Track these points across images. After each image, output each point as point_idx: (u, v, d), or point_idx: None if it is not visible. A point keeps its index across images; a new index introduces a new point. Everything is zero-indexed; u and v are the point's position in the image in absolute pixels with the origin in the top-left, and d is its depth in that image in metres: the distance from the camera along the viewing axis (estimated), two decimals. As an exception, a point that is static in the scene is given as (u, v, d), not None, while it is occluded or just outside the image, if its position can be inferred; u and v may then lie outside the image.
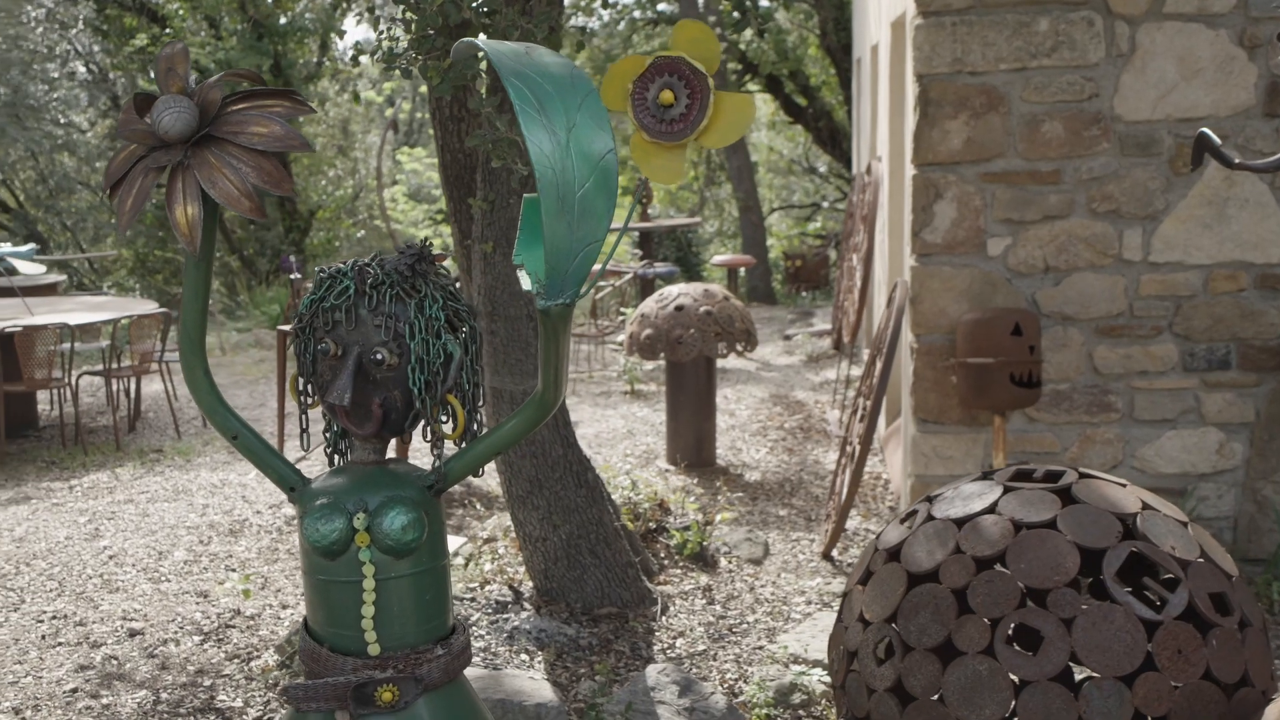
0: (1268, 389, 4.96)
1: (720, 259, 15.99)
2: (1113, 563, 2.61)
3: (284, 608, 4.88)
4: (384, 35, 3.32)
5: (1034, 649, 2.63)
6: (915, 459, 5.20)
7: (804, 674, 3.92)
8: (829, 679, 3.42)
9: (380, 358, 2.11)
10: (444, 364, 2.15)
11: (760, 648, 4.36)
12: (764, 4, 20.48)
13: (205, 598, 5.06)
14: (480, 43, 1.85)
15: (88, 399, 10.13)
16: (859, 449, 5.35)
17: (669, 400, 7.19)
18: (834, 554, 5.47)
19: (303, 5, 16.99)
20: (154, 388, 10.46)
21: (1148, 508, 2.77)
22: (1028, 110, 4.90)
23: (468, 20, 3.07)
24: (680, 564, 5.16)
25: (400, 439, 2.28)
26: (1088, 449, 5.08)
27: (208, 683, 4.18)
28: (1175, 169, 4.88)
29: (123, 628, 4.72)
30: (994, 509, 2.79)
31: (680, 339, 6.87)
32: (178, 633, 4.66)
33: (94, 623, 4.79)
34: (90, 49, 18.60)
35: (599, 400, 9.47)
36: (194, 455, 7.90)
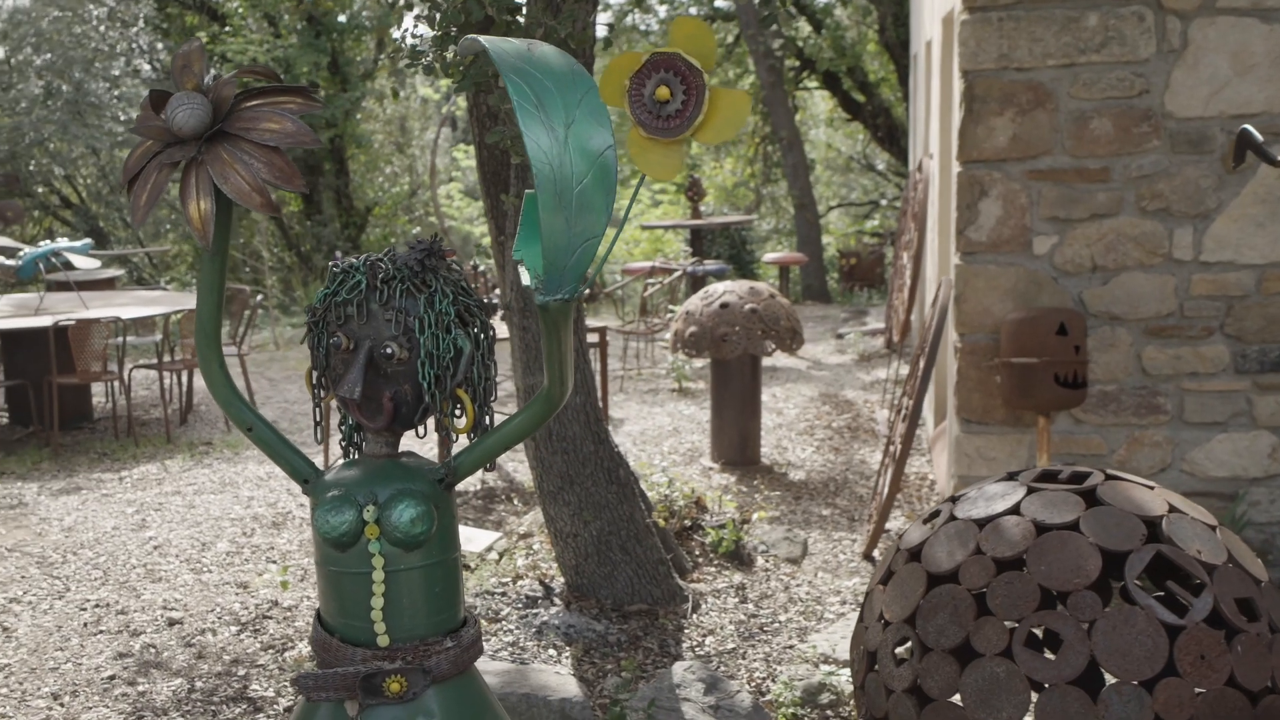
0: (1320, 392, 4.85)
1: (771, 257, 15.92)
2: (1135, 565, 2.56)
3: (321, 599, 4.94)
4: (408, 32, 3.34)
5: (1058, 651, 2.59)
6: (959, 459, 5.14)
7: (833, 674, 3.89)
8: (856, 680, 3.39)
9: (390, 352, 2.11)
10: (454, 359, 2.16)
11: (791, 647, 4.34)
12: (821, 1, 20.36)
13: (245, 589, 5.13)
14: (482, 40, 1.86)
15: (142, 392, 10.30)
16: (900, 449, 5.30)
17: (713, 398, 7.16)
18: (875, 554, 5.43)
19: (359, 3, 17.16)
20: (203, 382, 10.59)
21: (1174, 510, 2.71)
22: (1076, 107, 4.83)
23: (490, 17, 3.08)
24: (715, 562, 5.15)
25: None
26: (1135, 451, 5.00)
27: (242, 672, 4.24)
28: (1228, 166, 4.78)
29: (162, 617, 4.80)
30: (1016, 510, 2.75)
31: (725, 336, 6.84)
32: (216, 623, 4.73)
33: (135, 611, 4.88)
34: (152, 47, 18.92)
35: (646, 398, 9.47)
36: (242, 449, 8.01)
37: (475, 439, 2.25)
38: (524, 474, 6.82)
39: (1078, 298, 4.92)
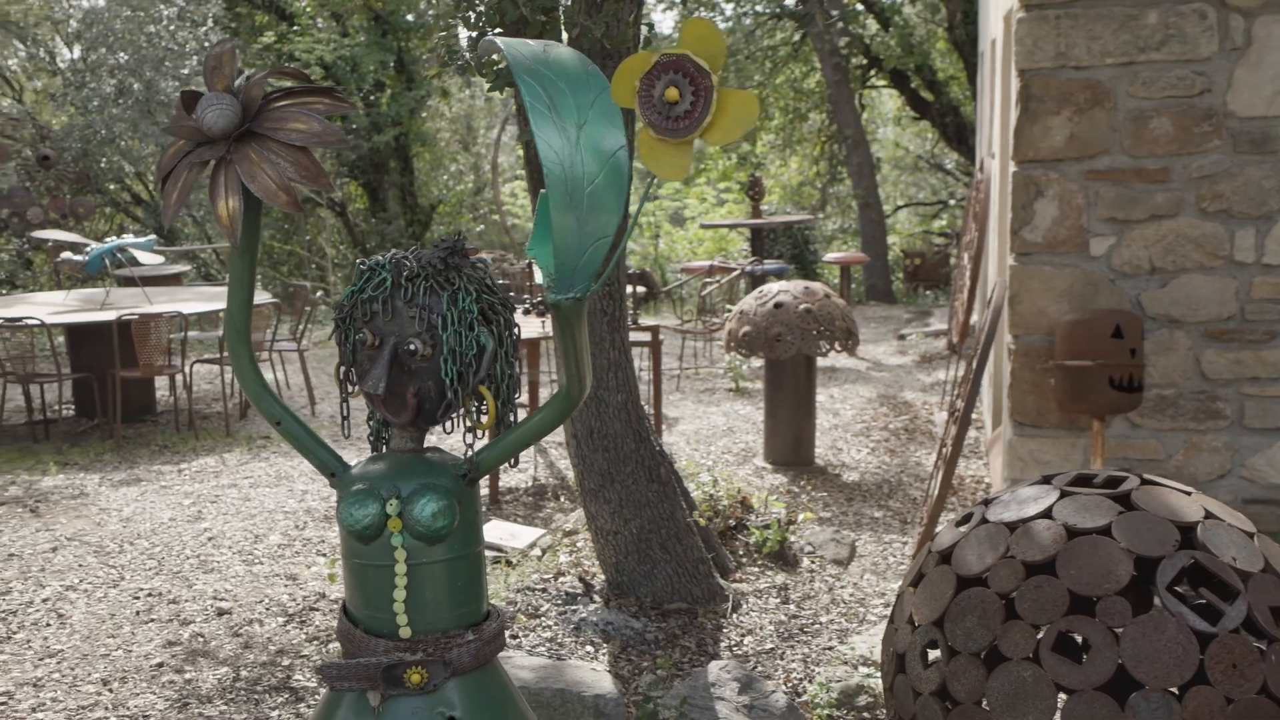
0: (1383, 398, 4.72)
1: (832, 257, 15.81)
2: (1167, 572, 2.51)
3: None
4: (444, 34, 3.37)
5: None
6: (1012, 463, 5.08)
7: (871, 676, 3.86)
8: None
9: (414, 348, 2.15)
10: (476, 355, 2.18)
11: (830, 648, 4.31)
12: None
13: (294, 580, 5.21)
14: (498, 41, 1.87)
15: (205, 386, 10.49)
16: (950, 451, 5.24)
17: (767, 398, 7.14)
18: (922, 557, 5.38)
19: (424, 2, 17.32)
20: (266, 376, 10.75)
21: (1211, 517, 2.66)
22: (1135, 106, 4.75)
23: (524, 17, 3.09)
24: (759, 562, 5.13)
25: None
26: (1193, 457, 4.91)
27: (286, 662, 4.31)
28: (1292, 167, 4.67)
29: (212, 607, 4.90)
30: (1049, 514, 2.71)
31: (779, 336, 6.81)
32: (263, 613, 4.81)
33: (186, 601, 4.98)
34: (221, 46, 19.20)
35: (702, 397, 9.47)
36: (300, 442, 8.13)
37: (498, 435, 2.28)
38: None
39: (1135, 300, 4.83)
